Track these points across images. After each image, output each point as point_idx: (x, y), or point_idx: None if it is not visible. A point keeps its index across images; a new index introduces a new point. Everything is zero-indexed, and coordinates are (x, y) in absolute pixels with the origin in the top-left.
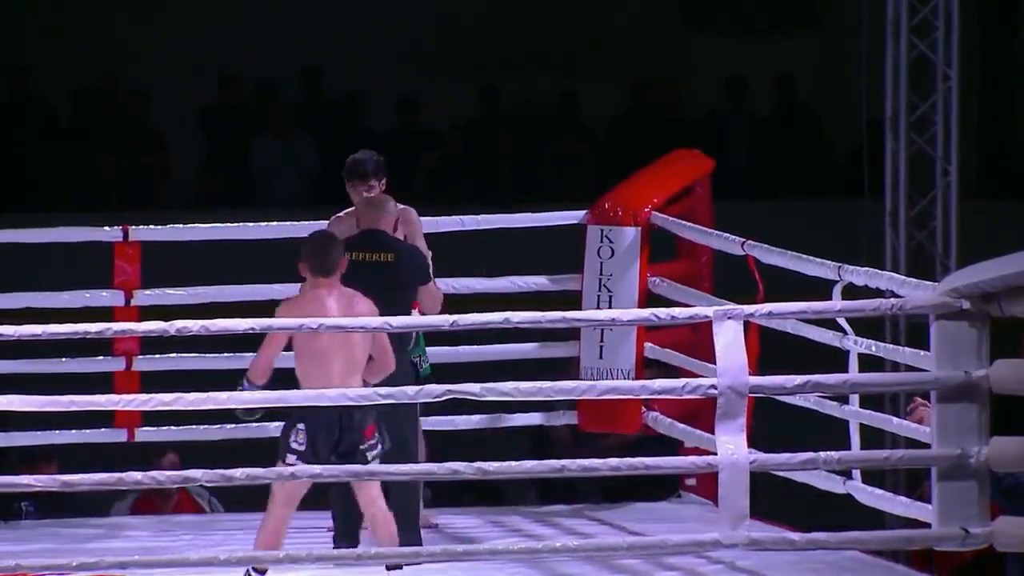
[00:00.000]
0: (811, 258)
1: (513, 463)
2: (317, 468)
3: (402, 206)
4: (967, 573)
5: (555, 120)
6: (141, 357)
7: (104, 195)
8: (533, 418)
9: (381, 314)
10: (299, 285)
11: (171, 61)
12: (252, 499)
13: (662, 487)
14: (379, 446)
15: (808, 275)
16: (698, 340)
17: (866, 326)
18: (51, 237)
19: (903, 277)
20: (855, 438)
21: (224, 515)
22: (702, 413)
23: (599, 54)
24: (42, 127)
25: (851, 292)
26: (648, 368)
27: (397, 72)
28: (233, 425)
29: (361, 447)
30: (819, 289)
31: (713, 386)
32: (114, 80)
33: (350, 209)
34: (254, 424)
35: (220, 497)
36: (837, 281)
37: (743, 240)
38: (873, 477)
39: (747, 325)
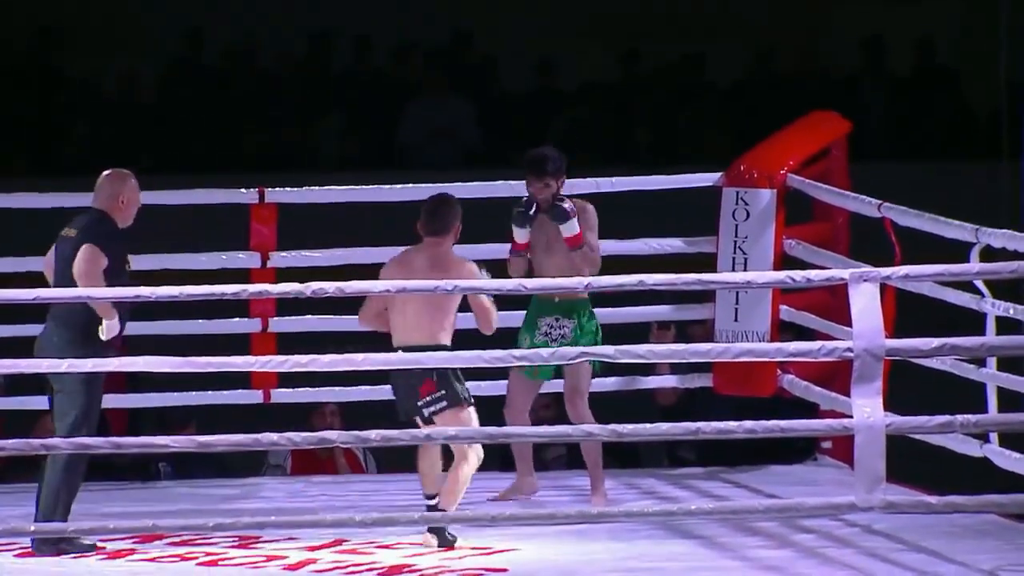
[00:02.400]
0: (948, 220)
1: (648, 425)
2: (452, 430)
3: (579, 201)
4: None
5: (691, 84)
6: (277, 318)
7: (248, 158)
8: (668, 380)
9: (63, 280)
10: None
11: (310, 26)
12: (402, 459)
13: (796, 450)
14: (439, 401)
15: (945, 238)
16: (834, 303)
17: (1004, 289)
18: (189, 199)
19: None
20: (992, 401)
21: (362, 476)
22: (838, 376)
23: (735, 16)
24: (188, 90)
25: (989, 255)
26: (783, 331)
27: (537, 36)
28: (368, 387)
29: (418, 403)
30: (956, 252)
31: (849, 349)
32: (256, 44)
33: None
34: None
35: (375, 455)
36: (975, 244)
37: (880, 202)
38: (1010, 440)
39: (883, 288)
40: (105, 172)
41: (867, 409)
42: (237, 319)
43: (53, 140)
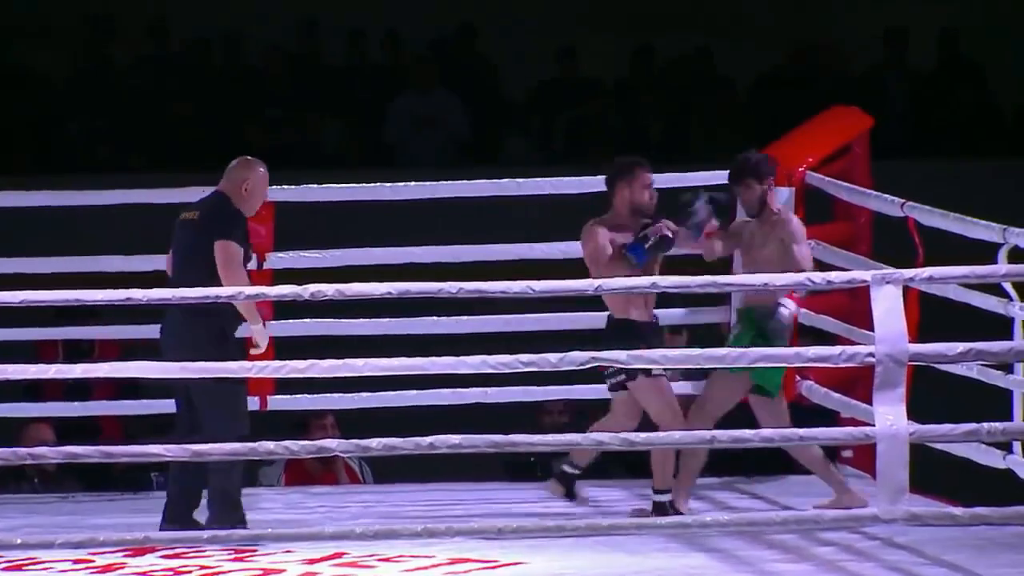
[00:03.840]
0: (974, 220)
1: (661, 434)
2: (456, 439)
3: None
4: None
5: (705, 78)
6: (274, 322)
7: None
8: (683, 387)
9: (189, 265)
10: (444, 248)
11: (305, 19)
12: (401, 469)
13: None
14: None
15: (971, 238)
16: (855, 306)
17: None
18: (183, 197)
19: None
20: (1018, 408)
21: (361, 487)
22: (859, 382)
23: (754, 8)
24: (180, 85)
25: (1017, 256)
26: (803, 335)
27: (545, 28)
28: (369, 393)
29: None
30: (983, 253)
31: (871, 354)
32: (239, 38)
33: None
34: (391, 393)
35: (372, 466)
36: (1002, 244)
37: (903, 201)
38: None
39: (907, 290)
40: (236, 159)
41: (890, 417)
42: None
43: (44, 138)
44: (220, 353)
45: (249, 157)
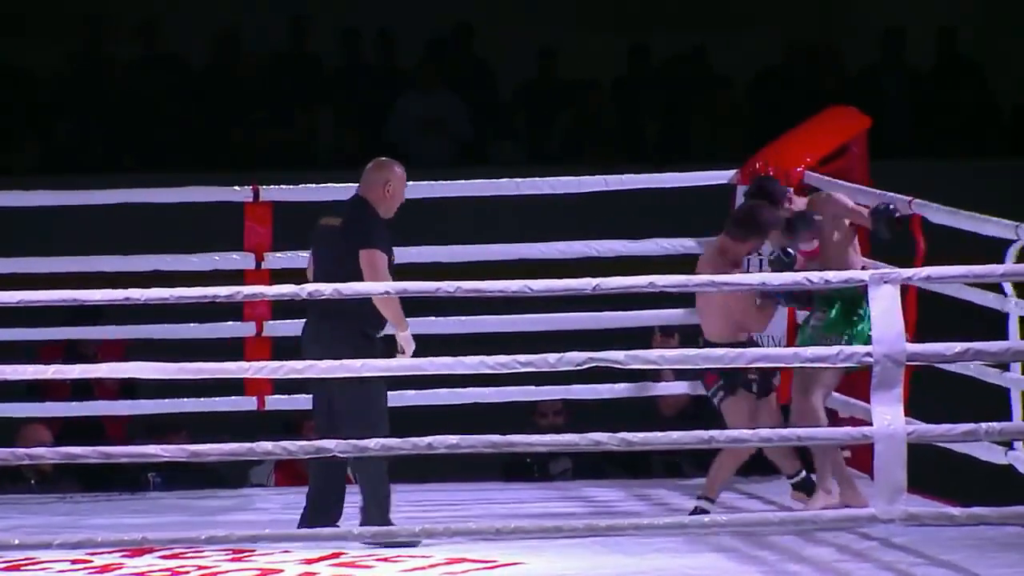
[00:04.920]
0: (987, 217)
1: (659, 434)
2: (453, 439)
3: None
4: None
5: (702, 77)
6: (272, 322)
7: (236, 154)
8: (679, 387)
9: (332, 274)
10: (441, 248)
11: (300, 19)
12: (398, 469)
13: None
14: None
15: (965, 237)
16: None
17: None
18: (180, 197)
19: None
20: (1016, 407)
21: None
22: (857, 382)
23: (751, 7)
24: (173, 84)
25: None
26: None
27: (541, 27)
28: None
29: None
30: (986, 251)
31: (868, 354)
32: (234, 37)
33: None
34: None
35: None
36: (1015, 241)
37: (911, 199)
38: None
39: (905, 288)
40: (372, 161)
41: (887, 416)
42: (231, 323)
43: (38, 138)
44: (355, 354)
45: (384, 158)
